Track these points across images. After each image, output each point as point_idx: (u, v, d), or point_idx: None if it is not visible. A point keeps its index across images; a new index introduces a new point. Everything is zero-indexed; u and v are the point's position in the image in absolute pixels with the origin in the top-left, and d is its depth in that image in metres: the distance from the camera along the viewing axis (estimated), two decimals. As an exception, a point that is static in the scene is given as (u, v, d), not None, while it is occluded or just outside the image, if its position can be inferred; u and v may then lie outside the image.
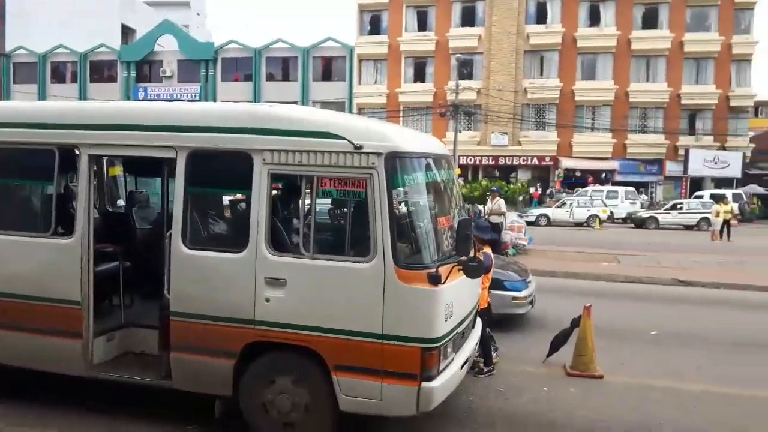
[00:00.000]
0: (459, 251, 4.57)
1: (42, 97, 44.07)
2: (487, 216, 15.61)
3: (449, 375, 4.69)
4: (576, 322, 7.05)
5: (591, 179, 39.55)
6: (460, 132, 35.76)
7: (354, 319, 4.47)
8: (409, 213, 4.65)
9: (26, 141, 5.33)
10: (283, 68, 45.64)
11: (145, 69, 47.23)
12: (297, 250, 4.67)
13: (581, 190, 35.24)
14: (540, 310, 9.19)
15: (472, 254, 4.77)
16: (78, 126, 5.20)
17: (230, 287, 4.72)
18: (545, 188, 40.35)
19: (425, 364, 4.40)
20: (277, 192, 5.36)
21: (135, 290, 6.13)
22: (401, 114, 41.57)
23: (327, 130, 4.58)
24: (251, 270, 4.64)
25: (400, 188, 4.56)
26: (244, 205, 4.99)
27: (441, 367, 4.58)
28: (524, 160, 41.65)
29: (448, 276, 4.45)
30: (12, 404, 5.43)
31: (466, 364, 5.25)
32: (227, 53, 46.03)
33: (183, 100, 40.39)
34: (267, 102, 5.20)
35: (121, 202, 7.46)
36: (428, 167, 4.97)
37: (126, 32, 51.49)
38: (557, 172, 41.16)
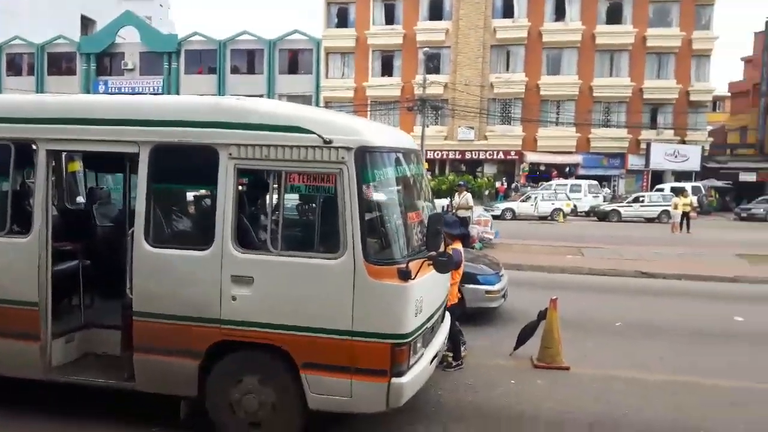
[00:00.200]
0: (429, 246, 4.56)
1: (-3, 90, 42.65)
2: (455, 210, 15.69)
3: (419, 370, 4.68)
4: (542, 315, 7.13)
5: (555, 173, 40.14)
6: (428, 126, 35.88)
7: (323, 316, 4.43)
8: (379, 208, 4.61)
9: None
10: (249, 61, 45.07)
11: (106, 61, 46.11)
12: (264, 247, 4.60)
13: (546, 184, 35.70)
14: (507, 303, 9.28)
15: (442, 249, 4.76)
16: (35, 120, 5.03)
17: (195, 285, 4.63)
18: (511, 182, 40.79)
19: (395, 360, 4.38)
20: (244, 187, 5.26)
21: (96, 290, 5.96)
22: (369, 108, 41.47)
23: (295, 124, 4.51)
24: (217, 268, 4.55)
25: (370, 183, 4.52)
26: (210, 201, 4.89)
27: (411, 363, 4.57)
28: (490, 155, 42.02)
29: (418, 271, 4.44)
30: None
31: (436, 359, 5.26)
32: (191, 45, 45.23)
33: (145, 94, 39.53)
34: (232, 95, 5.07)
35: (81, 199, 7.24)
36: (398, 162, 4.94)
37: (86, 23, 50.15)
38: (522, 166, 41.63)
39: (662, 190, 33.83)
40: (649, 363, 7.22)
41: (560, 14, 41.43)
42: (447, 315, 6.12)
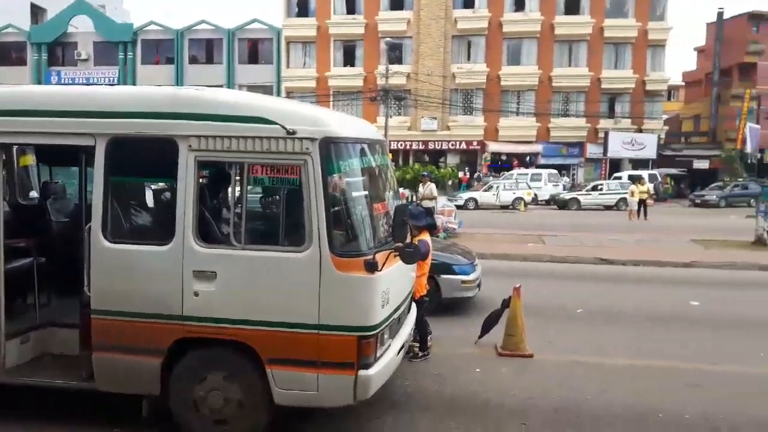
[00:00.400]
0: (395, 237, 4.55)
1: (-59, 80, 40.86)
2: (419, 201, 15.74)
3: (386, 361, 4.67)
4: (506, 303, 7.21)
5: (516, 162, 40.69)
6: (391, 117, 35.89)
7: (289, 311, 4.37)
8: (345, 200, 4.57)
9: None
10: (207, 51, 44.27)
11: (58, 51, 44.69)
12: (227, 241, 4.51)
13: (507, 174, 36.20)
14: (472, 292, 9.34)
15: (409, 240, 4.75)
16: None
17: (156, 282, 4.52)
18: (473, 172, 41.17)
19: (362, 352, 4.36)
20: (205, 180, 5.15)
21: (52, 288, 5.77)
22: (331, 98, 41.21)
23: (258, 115, 4.42)
24: (178, 263, 4.45)
25: (336, 174, 4.47)
26: (170, 195, 4.78)
27: (378, 354, 4.55)
28: (453, 145, 42.31)
29: (385, 263, 4.43)
30: None
31: (403, 350, 5.26)
32: (147, 35, 44.15)
33: (100, 85, 38.42)
34: (191, 86, 4.95)
35: (35, 194, 6.99)
36: (363, 152, 4.89)
37: (36, 12, 48.37)
38: (484, 156, 42.06)
39: (620, 178, 34.65)
40: (611, 348, 7.38)
41: (520, 5, 41.85)
42: (413, 305, 6.14)
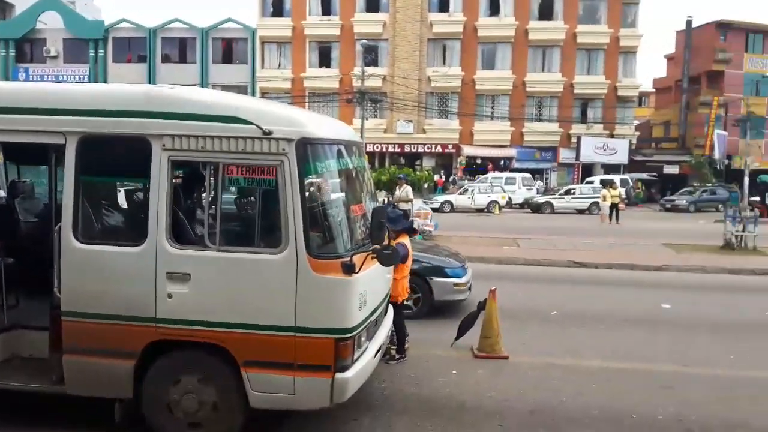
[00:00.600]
0: (373, 239, 4.53)
1: None
2: (396, 203, 15.75)
3: (363, 364, 4.65)
4: (482, 305, 7.23)
5: (491, 166, 41.01)
6: (367, 119, 35.90)
7: (264, 313, 4.32)
8: (322, 201, 4.54)
9: None
10: (180, 49, 43.74)
11: (26, 48, 43.70)
12: (201, 243, 4.45)
13: (482, 177, 36.49)
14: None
15: (386, 242, 4.73)
16: None
17: (128, 283, 4.43)
18: (449, 175, 41.39)
19: (339, 355, 4.33)
20: (179, 180, 5.07)
21: (20, 289, 5.61)
22: (307, 99, 41.04)
23: (233, 115, 4.36)
24: (151, 264, 4.37)
25: (312, 175, 4.43)
26: (143, 195, 4.69)
27: (355, 357, 4.53)
28: (428, 148, 42.44)
29: (362, 264, 4.40)
30: None
31: (380, 352, 5.24)
32: (119, 32, 43.46)
33: (70, 82, 37.70)
34: (164, 84, 4.87)
35: (2, 193, 6.80)
36: (340, 154, 4.86)
37: (3, 7, 47.20)
38: (459, 160, 42.29)
39: (592, 183, 35.15)
40: (585, 350, 7.45)
41: (494, 10, 42.20)
42: (390, 308, 6.12)
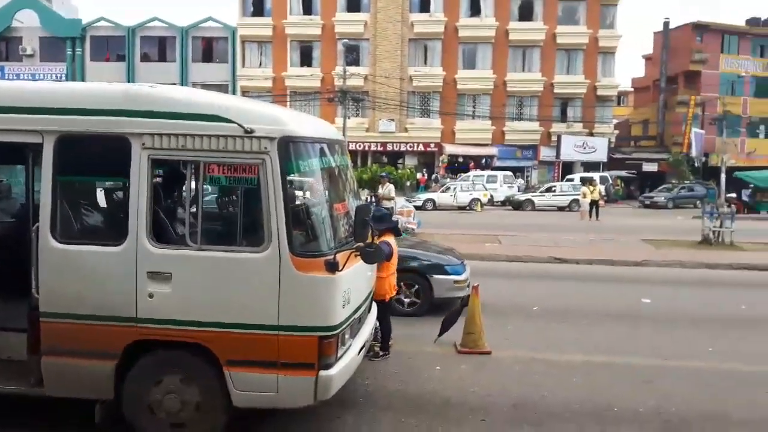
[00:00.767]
0: (356, 237, 4.52)
1: None
2: (379, 201, 15.77)
3: (347, 361, 4.65)
4: (464, 302, 7.26)
5: (473, 164, 41.19)
6: (349, 118, 35.84)
7: (247, 312, 4.30)
8: (305, 199, 4.53)
9: None
10: (160, 49, 43.34)
11: (2, 46, 43.07)
12: (183, 242, 4.41)
13: (464, 176, 36.64)
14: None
15: (370, 240, 4.73)
16: None
17: (108, 283, 4.38)
18: (431, 174, 41.50)
19: (323, 353, 4.32)
20: (160, 179, 5.03)
21: None
22: (288, 98, 40.88)
23: (214, 113, 4.33)
24: (131, 264, 4.33)
25: (295, 174, 4.42)
26: (122, 194, 4.64)
27: (339, 355, 4.53)
28: (411, 147, 42.52)
29: (346, 262, 4.40)
30: None
31: (363, 349, 5.24)
32: (97, 31, 42.95)
33: (47, 81, 37.12)
34: (144, 83, 4.82)
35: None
36: (323, 152, 4.84)
37: (-23, 5, 46.38)
38: (441, 158, 42.43)
39: (572, 180, 35.50)
40: (566, 345, 7.52)
41: (475, 10, 42.38)
42: (374, 305, 6.12)
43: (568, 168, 41.31)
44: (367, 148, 42.09)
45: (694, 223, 20.01)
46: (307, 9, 42.64)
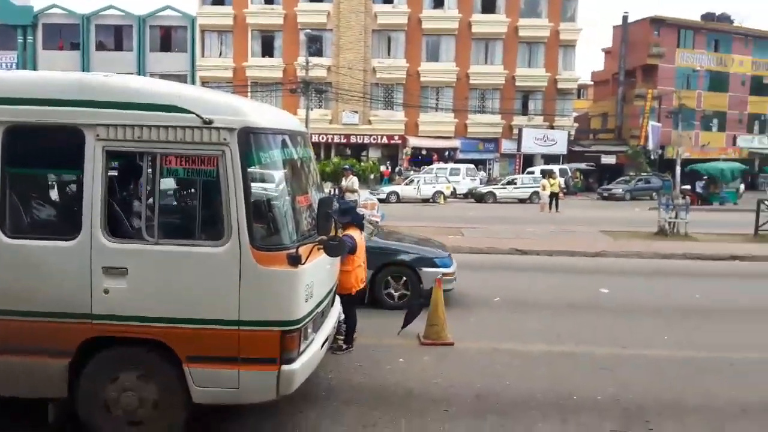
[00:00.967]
0: (319, 230, 4.47)
1: None
2: (343, 194, 15.68)
3: (310, 355, 4.60)
4: (427, 294, 7.27)
5: (436, 157, 41.40)
6: (312, 110, 35.55)
7: (207, 307, 4.22)
8: (266, 192, 4.46)
9: None
10: (116, 37, 42.22)
11: (-53, 33, 41.19)
12: (139, 236, 4.30)
13: (427, 168, 36.79)
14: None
15: (334, 233, 4.69)
16: None
17: (62, 279, 4.24)
18: (395, 166, 41.54)
19: (285, 347, 4.27)
20: (115, 172, 4.89)
21: None
22: (249, 89, 40.31)
23: (171, 103, 4.22)
24: (86, 259, 4.20)
25: (255, 166, 4.34)
26: (76, 187, 4.49)
27: (302, 349, 4.48)
28: (374, 139, 42.46)
29: (309, 256, 4.35)
30: None
31: (326, 343, 5.20)
32: (49, 19, 41.55)
33: (-3, 69, 35.76)
34: (99, 72, 4.67)
35: None
36: (284, 144, 4.77)
37: None
38: (405, 151, 42.50)
39: (533, 173, 35.98)
40: (527, 335, 7.62)
41: (438, 2, 42.49)
42: (337, 299, 6.09)
43: (529, 161, 41.89)
44: (331, 140, 41.87)
45: (651, 215, 20.52)
46: (269, -2, 42.07)
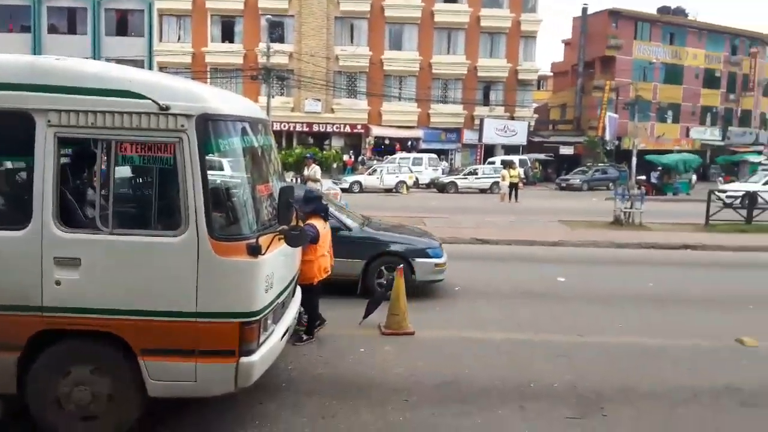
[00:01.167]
0: (280, 219, 4.41)
1: None
2: (305, 182, 15.57)
3: (269, 347, 4.55)
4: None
5: (399, 147, 41.42)
6: (273, 97, 35.09)
7: (163, 299, 4.12)
8: (225, 180, 4.37)
9: None
10: (70, 20, 40.76)
11: None
12: (93, 225, 4.17)
13: (390, 158, 36.81)
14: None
15: (295, 222, 4.63)
16: None
17: (10, 270, 4.09)
18: (358, 155, 41.41)
19: (244, 339, 4.21)
20: (68, 159, 4.72)
21: None
22: (209, 75, 39.53)
23: (126, 89, 4.09)
24: (36, 249, 4.05)
25: (214, 154, 4.24)
26: (26, 175, 4.32)
27: (261, 340, 4.42)
28: (337, 128, 42.21)
29: (269, 246, 4.29)
30: None
31: (287, 334, 5.15)
32: (-2, -1, 39.83)
33: (-59, 50, 34.12)
34: (50, 56, 4.49)
35: None
36: (245, 131, 4.67)
37: None
38: (368, 140, 42.39)
39: (493, 163, 36.39)
40: (487, 323, 7.71)
41: (401, -10, 42.27)
42: (298, 289, 6.04)
43: (490, 151, 42.30)
44: (293, 129, 41.45)
45: (607, 205, 20.98)
46: (229, -18, 41.22)
